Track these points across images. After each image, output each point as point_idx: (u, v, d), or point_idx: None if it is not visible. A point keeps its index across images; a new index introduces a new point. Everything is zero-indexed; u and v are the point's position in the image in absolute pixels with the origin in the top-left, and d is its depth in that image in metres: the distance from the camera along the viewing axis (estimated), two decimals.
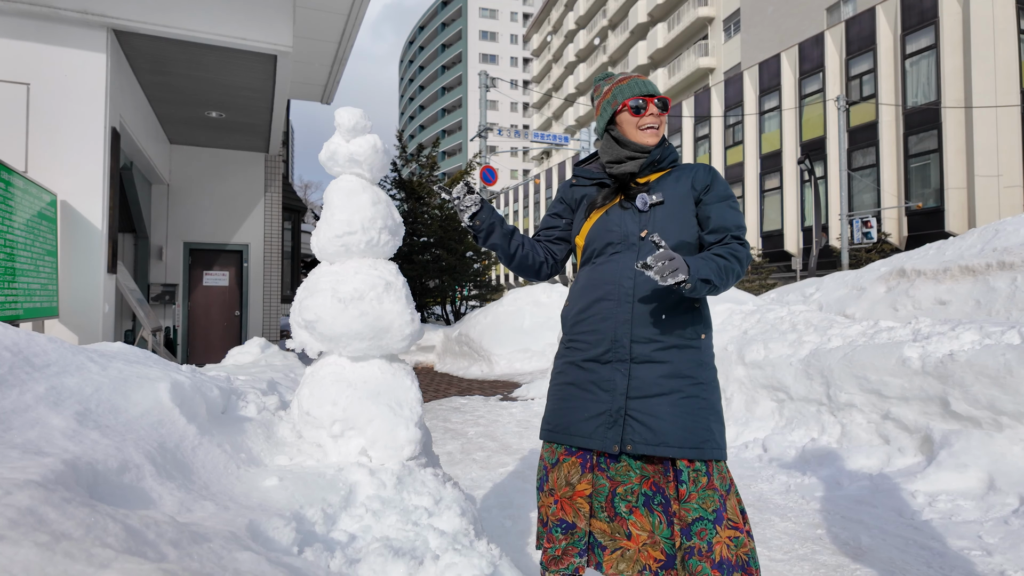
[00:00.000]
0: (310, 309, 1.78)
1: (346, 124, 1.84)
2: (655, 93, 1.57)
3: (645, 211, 1.53)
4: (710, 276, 1.37)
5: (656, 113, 1.56)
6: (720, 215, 1.52)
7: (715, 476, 1.43)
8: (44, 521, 0.80)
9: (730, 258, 1.44)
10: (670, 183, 1.57)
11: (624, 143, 1.58)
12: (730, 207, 1.54)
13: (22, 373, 1.34)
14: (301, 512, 1.34)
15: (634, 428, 1.45)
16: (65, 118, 5.16)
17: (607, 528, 1.48)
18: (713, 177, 1.57)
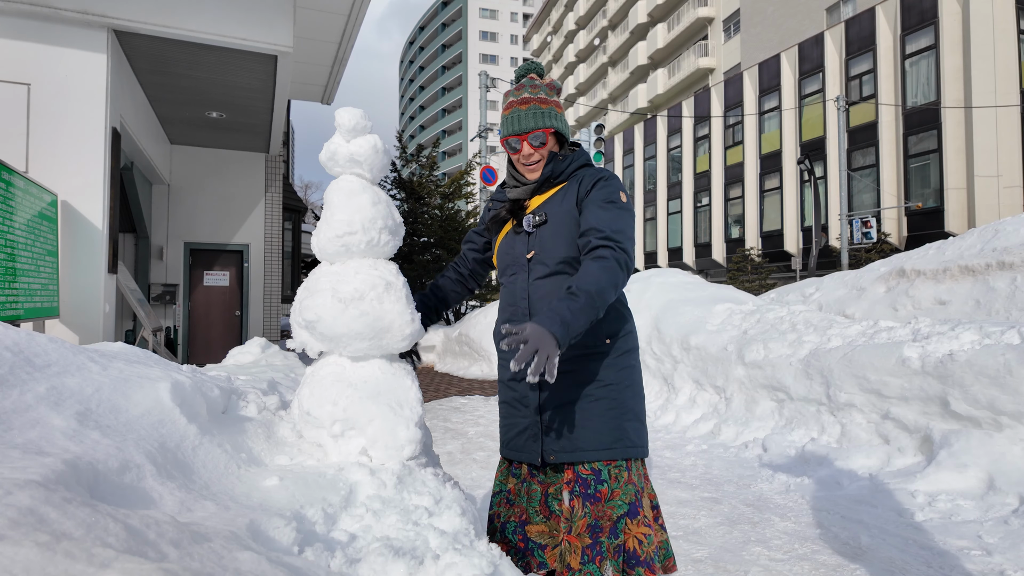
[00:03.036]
0: (310, 309, 1.78)
1: (346, 124, 1.84)
2: (529, 129, 1.54)
3: (531, 232, 1.57)
4: (565, 321, 1.27)
5: (529, 153, 1.55)
6: (590, 217, 1.47)
7: (633, 472, 1.50)
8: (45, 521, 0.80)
9: (585, 280, 1.34)
10: (558, 199, 1.57)
11: (514, 172, 1.64)
12: (603, 208, 1.47)
13: (23, 373, 1.34)
14: (301, 512, 1.34)
15: (552, 439, 1.52)
16: (66, 118, 5.17)
17: (545, 528, 1.56)
18: (597, 180, 1.53)
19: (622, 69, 38.86)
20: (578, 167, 1.60)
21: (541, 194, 1.61)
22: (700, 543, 2.58)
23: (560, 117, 1.60)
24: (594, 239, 1.43)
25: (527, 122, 1.55)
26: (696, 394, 5.12)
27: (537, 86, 1.60)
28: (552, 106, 1.58)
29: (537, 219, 1.56)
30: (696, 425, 4.73)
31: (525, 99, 1.56)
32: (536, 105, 1.55)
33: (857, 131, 19.48)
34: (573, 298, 1.32)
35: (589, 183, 1.53)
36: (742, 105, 23.69)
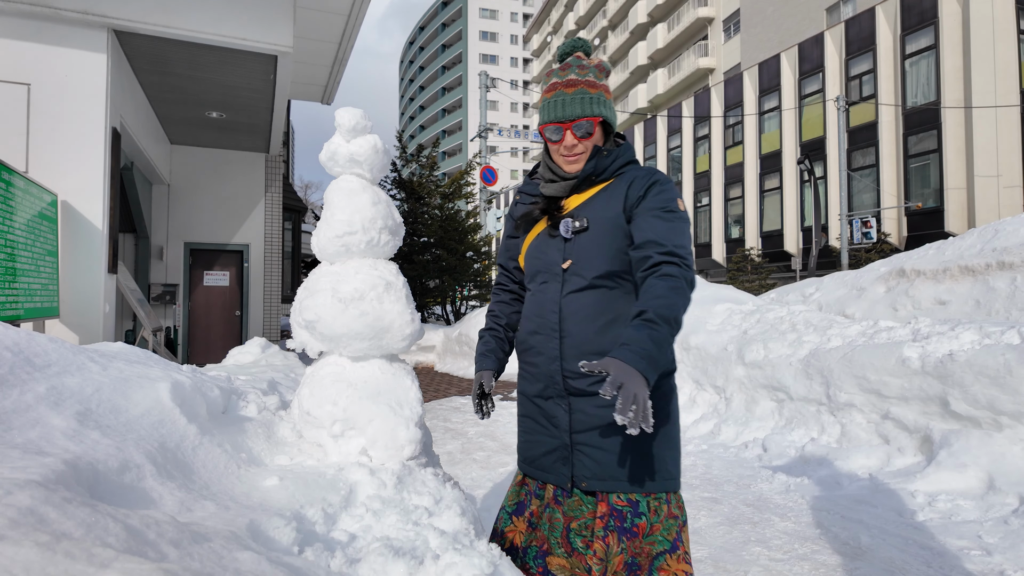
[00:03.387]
0: (310, 309, 1.79)
1: (346, 124, 1.84)
2: (575, 116, 1.35)
3: (568, 239, 1.39)
4: (651, 356, 1.11)
5: (572, 144, 1.37)
6: (646, 227, 1.29)
7: (673, 504, 1.35)
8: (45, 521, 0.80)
9: (661, 304, 1.18)
10: (601, 202, 1.38)
11: (551, 163, 1.45)
12: (661, 218, 1.30)
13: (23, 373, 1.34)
14: (301, 512, 1.34)
15: (583, 463, 1.37)
16: (65, 118, 5.17)
17: (566, 564, 1.41)
18: (651, 184, 1.35)
19: (622, 69, 38.86)
20: (624, 164, 1.41)
21: (580, 192, 1.42)
22: (700, 543, 2.58)
23: (609, 104, 1.40)
24: (655, 254, 1.26)
25: (572, 108, 1.35)
26: (696, 394, 5.12)
27: (585, 67, 1.39)
28: (601, 91, 1.38)
29: (577, 225, 1.37)
30: (696, 425, 4.73)
31: (572, 81, 1.37)
32: (584, 89, 1.36)
33: (857, 131, 19.48)
34: (653, 327, 1.15)
35: (641, 187, 1.35)
36: (742, 105, 23.69)
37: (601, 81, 1.40)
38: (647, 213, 1.31)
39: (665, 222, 1.29)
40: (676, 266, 1.24)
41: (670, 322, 1.17)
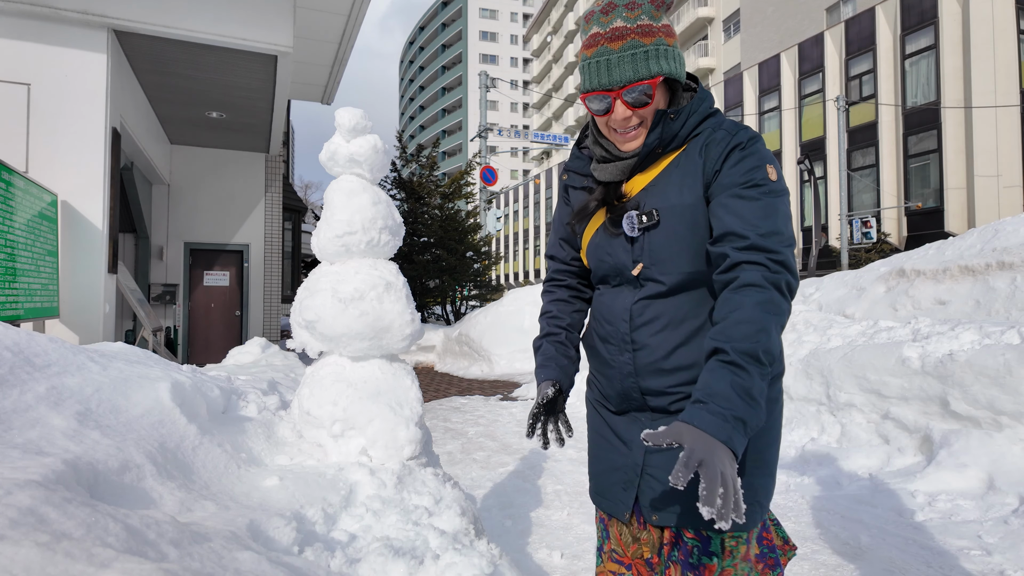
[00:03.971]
0: (310, 309, 1.79)
1: (346, 124, 1.84)
2: (625, 81, 1.02)
3: (635, 237, 1.09)
4: (739, 418, 0.85)
5: (625, 116, 1.05)
6: (724, 214, 0.99)
7: (753, 542, 1.09)
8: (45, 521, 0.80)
9: (745, 335, 0.90)
10: (674, 181, 1.07)
11: (600, 137, 1.14)
12: (741, 196, 0.99)
13: (23, 373, 1.34)
14: (301, 512, 1.34)
15: (653, 489, 1.10)
16: (65, 118, 5.17)
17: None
18: (729, 149, 1.03)
19: None
20: (700, 121, 1.08)
21: (645, 171, 1.11)
22: None
23: (672, 53, 1.04)
24: (733, 251, 0.96)
25: (622, 71, 1.01)
26: None
27: (636, 4, 1.03)
28: (660, 37, 1.02)
29: (644, 219, 1.07)
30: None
31: (618, 31, 1.01)
32: (636, 40, 1.01)
33: (857, 131, 19.49)
34: (736, 372, 0.88)
35: (718, 154, 1.03)
36: (742, 105, 23.69)
37: (659, 23, 1.03)
38: (724, 192, 1.01)
39: (747, 202, 0.98)
40: (762, 267, 0.93)
41: (758, 359, 0.88)
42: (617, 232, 1.12)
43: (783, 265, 0.95)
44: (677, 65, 1.06)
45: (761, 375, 0.89)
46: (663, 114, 1.06)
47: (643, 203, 1.10)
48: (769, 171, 1.01)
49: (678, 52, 1.07)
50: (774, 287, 0.93)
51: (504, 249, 44.70)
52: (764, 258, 0.94)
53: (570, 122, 48.49)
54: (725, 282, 0.97)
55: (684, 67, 1.09)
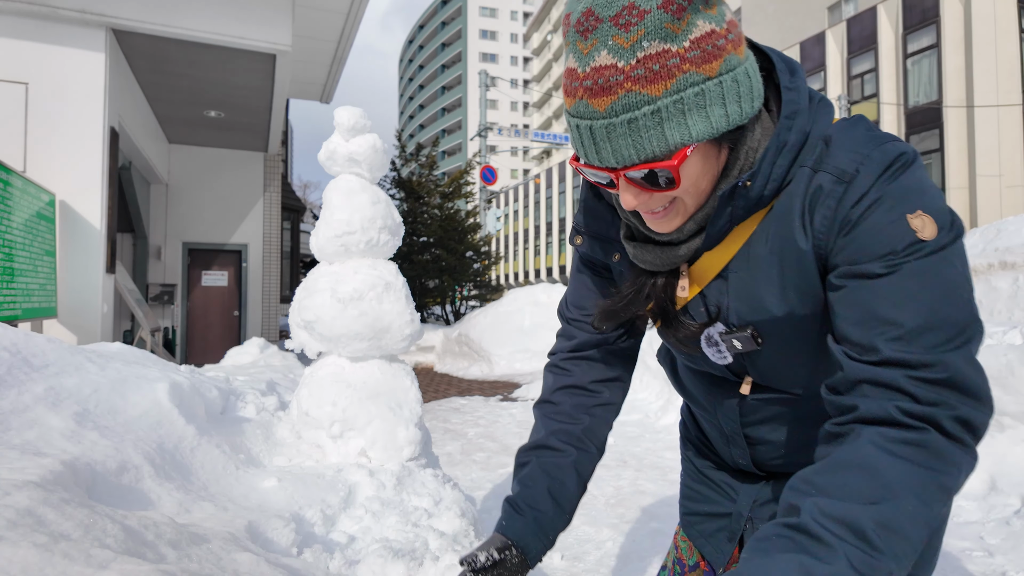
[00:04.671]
0: (309, 309, 1.78)
1: (345, 123, 1.83)
2: (618, 164, 0.61)
3: (729, 363, 0.76)
4: None
5: (639, 201, 0.64)
6: (843, 308, 0.62)
7: None
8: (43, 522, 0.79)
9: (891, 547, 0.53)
10: (768, 272, 0.68)
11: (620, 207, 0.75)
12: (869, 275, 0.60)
13: (20, 374, 1.34)
14: (300, 513, 1.34)
15: None
16: (63, 118, 5.16)
17: None
18: (845, 214, 0.62)
19: None
20: (792, 160, 0.65)
21: (712, 247, 0.71)
22: None
23: (717, 94, 0.59)
24: (851, 365, 0.60)
25: (616, 148, 0.60)
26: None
27: (634, 12, 0.56)
28: (687, 72, 0.57)
29: (738, 345, 0.72)
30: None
31: (603, 75, 0.58)
32: (635, 94, 0.57)
33: None
34: (815, 553, 0.52)
35: (828, 221, 0.63)
36: None
37: (684, 39, 0.57)
38: (841, 276, 0.62)
39: (876, 285, 0.60)
40: (899, 397, 0.57)
41: (865, 536, 0.52)
42: (694, 351, 0.77)
43: (946, 386, 0.56)
44: (732, 105, 0.59)
45: (866, 566, 0.51)
46: (731, 191, 0.64)
47: (723, 306, 0.72)
48: (916, 223, 0.59)
49: (739, 77, 0.59)
50: (935, 453, 0.55)
51: (504, 249, 44.71)
52: (904, 379, 0.56)
53: None
54: (840, 430, 0.60)
55: (755, 93, 0.61)
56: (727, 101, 0.59)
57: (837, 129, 0.66)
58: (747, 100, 0.61)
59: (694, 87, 0.57)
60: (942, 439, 0.56)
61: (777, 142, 0.64)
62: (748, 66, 0.61)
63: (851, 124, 0.66)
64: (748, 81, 0.61)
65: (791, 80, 0.67)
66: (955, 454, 0.56)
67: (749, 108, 0.61)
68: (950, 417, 0.56)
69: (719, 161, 0.65)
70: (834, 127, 0.66)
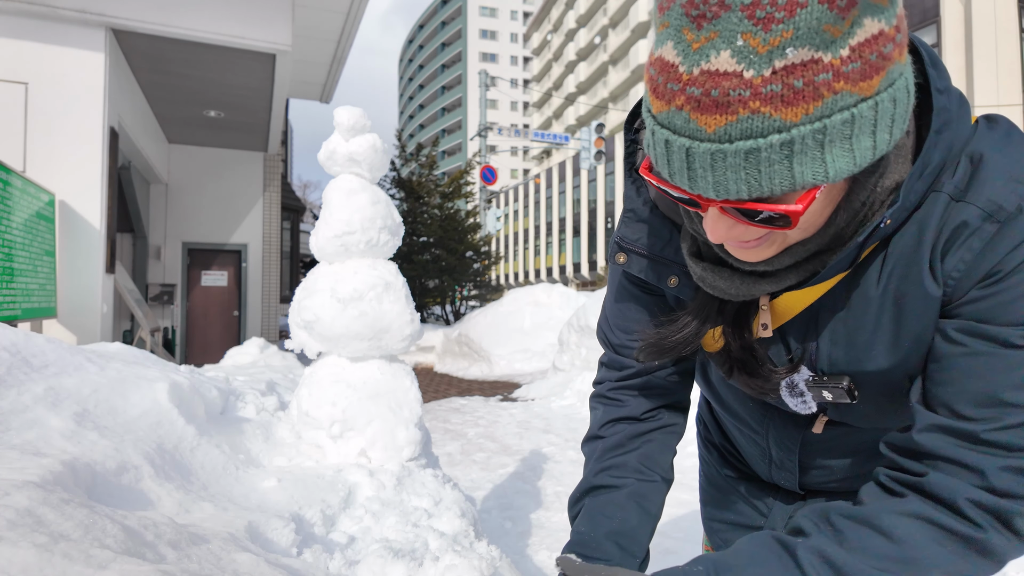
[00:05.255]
0: (309, 309, 1.78)
1: (345, 123, 1.84)
2: (721, 197, 0.46)
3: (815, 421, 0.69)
4: None
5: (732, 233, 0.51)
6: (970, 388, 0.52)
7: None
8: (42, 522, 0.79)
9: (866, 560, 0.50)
10: (878, 318, 0.57)
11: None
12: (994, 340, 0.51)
13: (20, 374, 1.34)
14: (300, 513, 1.34)
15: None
16: (63, 117, 5.16)
17: None
18: (995, 264, 0.50)
19: (623, 67, 38.88)
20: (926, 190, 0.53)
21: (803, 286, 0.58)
22: (701, 545, 2.58)
23: (870, 121, 0.44)
24: (934, 439, 0.53)
25: (721, 179, 0.45)
26: (696, 394, 5.12)
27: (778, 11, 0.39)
28: (842, 91, 0.42)
29: (829, 396, 0.62)
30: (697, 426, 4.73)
31: (719, 83, 0.42)
32: (762, 117, 0.41)
33: None
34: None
35: (966, 267, 0.52)
36: None
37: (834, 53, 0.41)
38: (972, 337, 0.52)
39: (996, 357, 0.51)
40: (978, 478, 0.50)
41: None
42: (769, 398, 0.67)
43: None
44: (883, 133, 0.45)
45: None
46: (869, 234, 0.52)
47: (809, 347, 0.61)
48: None
49: (899, 94, 0.45)
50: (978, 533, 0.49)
51: (504, 249, 44.72)
52: (993, 467, 0.49)
53: (570, 121, 48.49)
54: (888, 487, 0.54)
55: (908, 112, 0.48)
56: (879, 128, 0.44)
57: (987, 143, 0.52)
58: (900, 123, 0.46)
59: (844, 112, 0.42)
60: (999, 537, 0.49)
61: (922, 165, 0.50)
62: (908, 75, 0.46)
63: (1006, 136, 0.52)
64: (906, 98, 0.46)
65: (940, 79, 0.52)
66: (1007, 551, 0.50)
67: (900, 132, 0.46)
68: (1021, 514, 0.49)
69: (841, 192, 0.51)
70: (982, 139, 0.53)
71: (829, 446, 0.71)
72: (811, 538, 0.52)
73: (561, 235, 37.06)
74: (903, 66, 0.46)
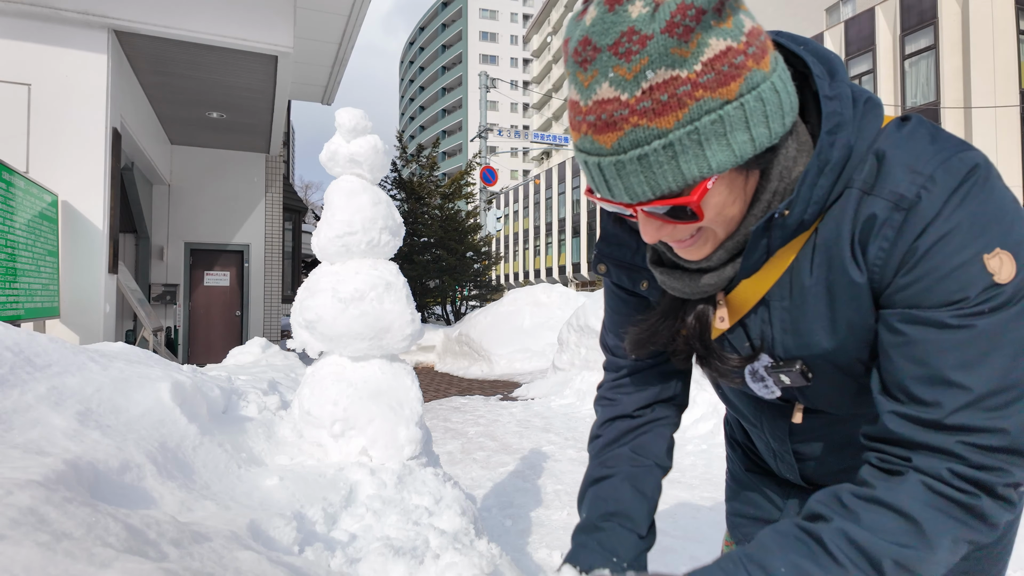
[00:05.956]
0: (311, 309, 1.79)
1: (347, 124, 1.84)
2: (633, 200, 0.56)
3: (778, 396, 0.73)
4: None
5: (660, 233, 0.60)
6: (898, 357, 0.57)
7: None
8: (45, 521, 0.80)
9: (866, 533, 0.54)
10: (816, 303, 0.63)
11: None
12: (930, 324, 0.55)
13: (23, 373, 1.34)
14: (302, 511, 1.34)
15: None
16: (66, 119, 5.17)
17: None
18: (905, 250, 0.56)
19: None
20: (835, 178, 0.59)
21: (749, 276, 0.66)
22: (700, 542, 2.58)
23: (737, 118, 0.53)
24: (900, 426, 0.57)
25: (628, 185, 0.55)
26: (695, 393, 5.12)
27: (634, 39, 0.50)
28: (702, 98, 0.51)
29: (786, 380, 0.68)
30: (696, 425, 4.73)
31: (606, 109, 0.53)
32: (644, 128, 0.52)
33: None
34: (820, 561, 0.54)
35: (884, 255, 0.57)
36: None
37: (696, 61, 0.51)
38: (909, 324, 0.56)
39: (937, 337, 0.55)
40: (952, 461, 0.54)
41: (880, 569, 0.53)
42: (734, 384, 0.74)
43: (1004, 452, 0.53)
44: (759, 128, 0.53)
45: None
46: (766, 223, 0.59)
47: (767, 336, 0.67)
48: (993, 263, 0.52)
49: (765, 94, 0.53)
50: (970, 499, 0.54)
51: (504, 249, 44.73)
52: (959, 445, 0.54)
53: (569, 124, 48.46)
54: (881, 467, 0.59)
55: (786, 109, 0.55)
56: (751, 124, 0.53)
57: (890, 140, 0.58)
58: (776, 119, 0.54)
59: (710, 114, 0.51)
60: (990, 502, 0.54)
61: (818, 162, 0.57)
62: (775, 79, 0.54)
63: (908, 133, 0.58)
64: (776, 97, 0.54)
65: (831, 86, 0.59)
66: (1000, 515, 0.55)
67: (780, 127, 0.55)
68: (1003, 483, 0.54)
69: (748, 186, 0.59)
70: (887, 137, 0.58)
71: (815, 436, 0.78)
72: (832, 522, 0.56)
73: (561, 235, 37.06)
74: (766, 72, 0.53)
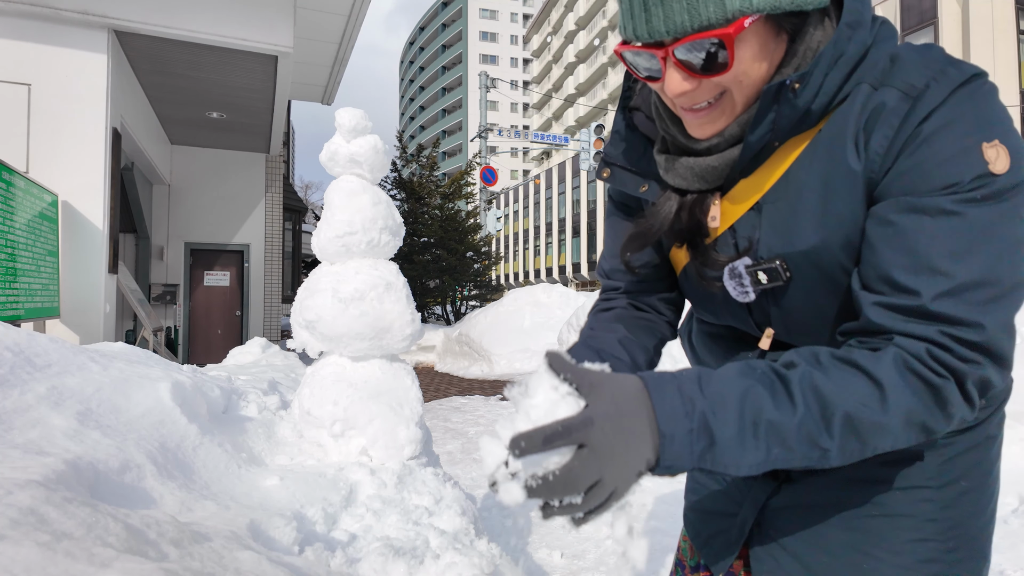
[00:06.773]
0: (311, 309, 1.79)
1: (347, 125, 1.85)
2: (670, 32, 0.55)
3: (751, 300, 0.69)
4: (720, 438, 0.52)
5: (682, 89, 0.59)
6: (886, 247, 0.57)
7: None
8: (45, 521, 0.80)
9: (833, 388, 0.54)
10: (809, 200, 0.62)
11: (665, 109, 0.68)
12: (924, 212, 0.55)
13: (23, 373, 1.34)
14: (302, 511, 1.34)
15: (774, 557, 0.74)
16: (66, 119, 5.17)
17: None
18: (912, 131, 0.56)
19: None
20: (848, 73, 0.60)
21: (750, 173, 0.66)
22: None
23: None
24: (883, 316, 0.56)
25: (668, 13, 0.55)
26: None
27: None
28: None
29: (763, 278, 0.65)
30: None
31: None
32: None
33: None
34: (779, 400, 0.54)
35: (889, 139, 0.57)
36: None
37: None
38: (892, 207, 0.57)
39: (930, 223, 0.54)
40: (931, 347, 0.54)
41: (830, 423, 0.53)
42: (715, 287, 0.71)
43: (980, 349, 0.53)
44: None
45: (811, 442, 0.53)
46: (777, 89, 0.57)
47: (754, 239, 0.66)
48: (991, 153, 0.53)
49: None
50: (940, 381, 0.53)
51: (504, 249, 44.74)
52: (939, 334, 0.53)
53: (570, 122, 48.49)
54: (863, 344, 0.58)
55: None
56: None
57: (907, 48, 0.60)
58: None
59: None
60: (956, 392, 0.54)
61: (834, 50, 0.58)
62: None
63: (925, 46, 0.60)
64: None
65: (861, 13, 0.60)
66: (960, 409, 0.55)
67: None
68: (974, 378, 0.54)
69: (776, 52, 0.59)
70: (903, 47, 0.61)
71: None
72: (800, 367, 0.56)
73: (561, 235, 37.06)
74: None
